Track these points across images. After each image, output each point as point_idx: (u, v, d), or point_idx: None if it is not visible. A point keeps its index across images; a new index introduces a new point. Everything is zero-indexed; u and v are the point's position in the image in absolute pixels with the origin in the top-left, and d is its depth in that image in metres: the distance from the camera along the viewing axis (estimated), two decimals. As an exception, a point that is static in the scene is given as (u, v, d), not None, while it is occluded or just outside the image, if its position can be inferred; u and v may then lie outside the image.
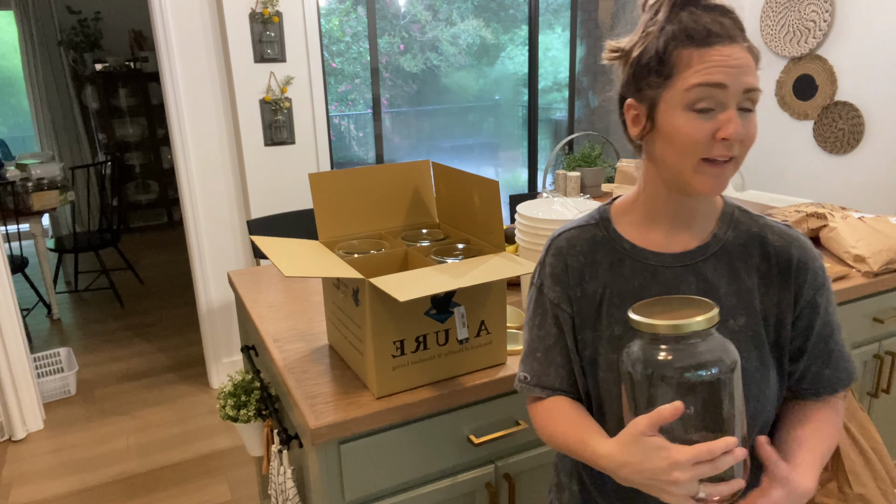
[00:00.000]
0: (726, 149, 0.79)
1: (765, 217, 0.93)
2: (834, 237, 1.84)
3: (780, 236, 0.90)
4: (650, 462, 0.72)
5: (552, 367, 0.94)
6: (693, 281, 0.88)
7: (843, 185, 3.47)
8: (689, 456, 0.71)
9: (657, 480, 0.72)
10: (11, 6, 5.23)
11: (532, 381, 0.95)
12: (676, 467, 0.71)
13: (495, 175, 4.24)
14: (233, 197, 2.96)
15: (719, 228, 0.90)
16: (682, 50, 0.79)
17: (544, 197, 1.97)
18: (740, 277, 0.89)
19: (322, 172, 1.37)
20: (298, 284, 1.77)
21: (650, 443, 0.73)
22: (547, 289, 0.95)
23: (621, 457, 0.76)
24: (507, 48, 3.90)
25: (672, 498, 0.73)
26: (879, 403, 1.92)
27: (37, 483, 2.43)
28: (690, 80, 0.78)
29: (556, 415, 0.91)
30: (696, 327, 0.74)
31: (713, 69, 0.77)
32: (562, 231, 0.97)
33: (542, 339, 0.95)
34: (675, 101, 0.79)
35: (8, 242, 3.30)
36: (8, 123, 6.64)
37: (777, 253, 0.89)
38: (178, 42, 2.72)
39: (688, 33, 0.79)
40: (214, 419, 2.83)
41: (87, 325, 3.94)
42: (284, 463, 1.32)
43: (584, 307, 0.92)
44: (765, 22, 3.68)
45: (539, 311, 0.96)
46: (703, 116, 0.78)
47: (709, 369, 0.74)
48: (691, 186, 0.82)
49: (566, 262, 0.94)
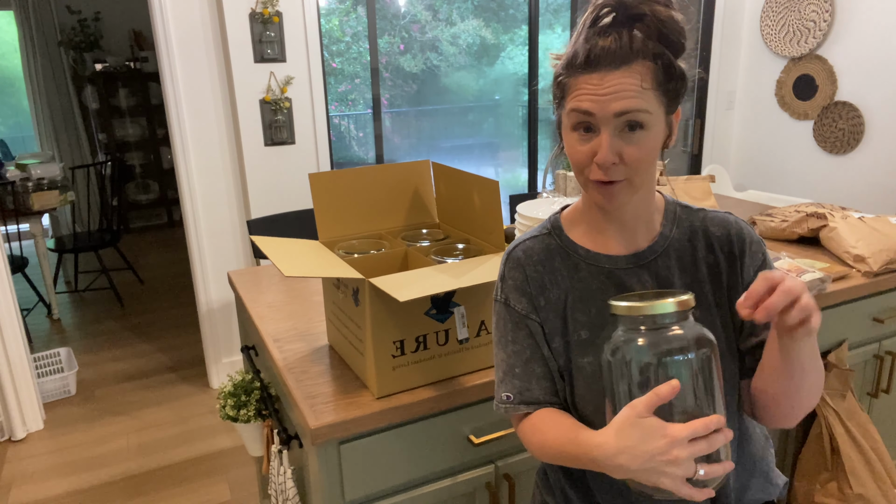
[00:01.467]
0: (602, 172, 0.83)
1: (703, 209, 0.97)
2: (834, 237, 1.84)
3: (720, 226, 0.95)
4: (648, 443, 0.72)
5: (533, 380, 0.93)
6: (648, 279, 0.93)
7: (843, 185, 3.47)
8: (687, 432, 0.71)
9: (656, 462, 0.72)
10: (11, 6, 5.23)
11: (515, 399, 0.94)
12: (675, 445, 0.71)
13: (495, 175, 4.24)
14: (233, 197, 2.96)
15: (664, 227, 0.95)
16: (567, 78, 0.84)
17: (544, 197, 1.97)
18: (690, 271, 0.93)
19: (322, 172, 1.37)
20: (298, 284, 1.77)
21: (647, 424, 0.73)
22: (513, 302, 0.95)
23: (618, 442, 0.75)
24: (507, 48, 3.90)
25: (670, 481, 0.73)
26: (879, 403, 1.92)
27: (37, 483, 2.43)
28: (570, 104, 0.84)
29: (543, 425, 0.90)
30: (673, 308, 0.77)
31: (582, 97, 0.82)
32: (517, 243, 0.98)
33: (518, 355, 0.94)
34: (565, 121, 0.86)
35: (8, 242, 3.30)
36: (8, 123, 6.64)
37: (720, 242, 0.94)
38: (178, 42, 2.72)
39: (571, 61, 0.83)
40: (214, 419, 2.83)
41: (87, 325, 3.94)
42: (284, 463, 1.32)
43: (550, 316, 0.94)
44: (765, 22, 3.68)
45: (509, 326, 0.95)
46: (584, 138, 0.84)
47: (690, 351, 0.76)
48: (595, 199, 0.88)
49: (525, 273, 0.95)
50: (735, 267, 0.93)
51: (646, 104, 0.81)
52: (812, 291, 1.57)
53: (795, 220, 1.95)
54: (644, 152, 0.83)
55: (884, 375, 1.87)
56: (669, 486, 0.73)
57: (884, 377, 1.87)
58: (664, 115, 0.84)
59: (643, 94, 0.80)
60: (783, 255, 1.73)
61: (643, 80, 0.80)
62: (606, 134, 0.81)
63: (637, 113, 0.81)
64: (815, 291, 1.59)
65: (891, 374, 1.86)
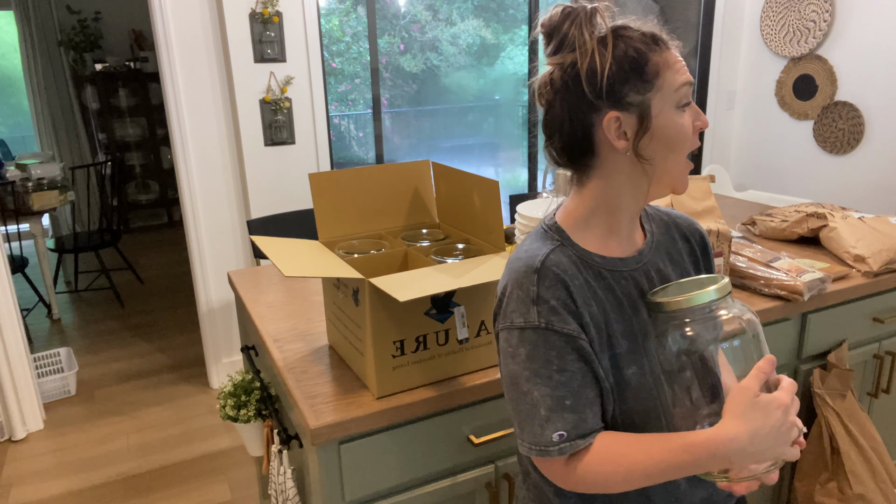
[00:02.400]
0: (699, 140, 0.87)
1: (660, 207, 1.03)
2: (834, 237, 1.84)
3: (683, 219, 1.01)
4: (771, 418, 0.75)
5: (588, 408, 0.83)
6: (654, 276, 0.93)
7: (843, 185, 3.47)
8: (789, 394, 0.76)
9: (780, 433, 0.75)
10: (11, 6, 5.23)
11: (571, 435, 0.81)
12: (788, 410, 0.76)
13: (495, 175, 4.24)
14: (233, 197, 2.96)
15: (646, 225, 0.97)
16: (654, 54, 0.82)
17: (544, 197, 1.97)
18: (677, 262, 0.97)
19: (322, 172, 1.37)
20: (298, 284, 1.77)
21: (762, 401, 0.75)
22: (558, 324, 0.83)
23: (747, 427, 0.74)
24: (507, 48, 3.90)
25: (789, 448, 0.76)
26: (879, 403, 1.92)
27: (37, 483, 2.43)
28: (677, 79, 0.83)
29: (619, 449, 0.81)
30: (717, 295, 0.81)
31: (683, 68, 0.84)
32: (542, 258, 0.86)
33: (565, 385, 0.82)
34: (667, 101, 0.83)
35: (8, 242, 3.30)
36: (8, 123, 6.64)
37: (691, 233, 1.00)
38: (178, 42, 2.72)
39: (655, 38, 0.83)
40: (214, 419, 2.83)
41: (87, 325, 3.94)
42: (284, 463, 1.32)
43: (594, 333, 0.86)
44: (765, 22, 3.68)
45: (553, 353, 0.82)
46: (686, 112, 0.85)
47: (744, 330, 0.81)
48: (677, 183, 0.88)
49: (569, 289, 0.84)
50: (707, 254, 1.01)
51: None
52: (812, 291, 1.57)
53: (795, 220, 1.95)
54: None
55: (884, 375, 1.87)
56: (789, 455, 0.77)
57: (884, 377, 1.87)
58: None
59: None
60: (783, 255, 1.73)
61: None
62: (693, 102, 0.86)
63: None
64: (816, 291, 1.59)
65: (891, 374, 1.86)
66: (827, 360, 1.72)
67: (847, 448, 1.68)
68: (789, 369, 1.70)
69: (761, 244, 1.96)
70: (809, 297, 1.58)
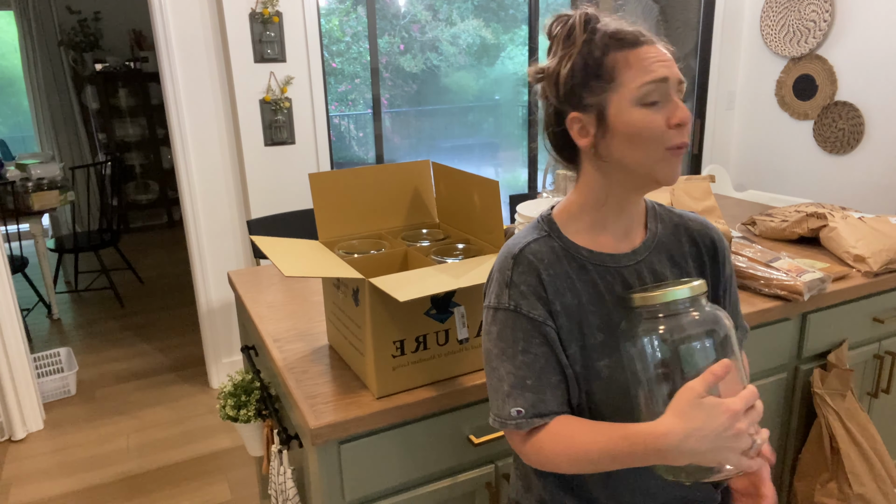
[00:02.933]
0: (683, 135, 0.85)
1: (675, 209, 1.02)
2: (834, 237, 1.84)
3: (697, 223, 1.00)
4: (714, 421, 0.73)
5: (548, 390, 0.88)
6: (647, 275, 0.94)
7: (843, 185, 3.47)
8: (743, 402, 0.74)
9: (722, 438, 0.73)
10: (11, 6, 5.23)
11: (528, 413, 0.87)
12: (737, 417, 0.73)
13: (495, 175, 4.24)
14: (233, 197, 2.97)
15: (651, 224, 0.97)
16: (616, 53, 0.84)
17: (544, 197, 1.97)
18: (679, 264, 0.97)
19: (322, 172, 1.37)
20: (298, 284, 1.77)
21: (707, 403, 0.74)
22: (526, 308, 0.88)
23: (685, 426, 0.74)
24: (507, 48, 3.90)
25: (735, 456, 0.74)
26: (879, 403, 1.92)
27: (37, 483, 2.43)
28: (638, 77, 0.83)
29: (569, 432, 0.85)
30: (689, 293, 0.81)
31: (654, 65, 0.83)
32: (520, 245, 0.92)
33: (529, 366, 0.88)
34: (625, 99, 0.84)
35: (8, 242, 3.30)
36: (8, 123, 6.64)
37: (701, 237, 0.99)
38: (178, 42, 2.72)
39: (618, 38, 0.84)
40: (214, 419, 2.83)
41: (87, 325, 3.94)
42: (284, 463, 1.32)
43: (565, 321, 0.90)
44: (765, 22, 3.68)
45: (519, 335, 0.88)
46: (653, 109, 0.84)
47: (711, 332, 0.80)
48: (656, 178, 0.87)
49: (540, 277, 0.89)
50: (716, 260, 0.99)
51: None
52: (812, 291, 1.57)
53: (795, 220, 1.95)
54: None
55: (884, 375, 1.87)
56: (734, 463, 0.75)
57: (884, 377, 1.87)
58: None
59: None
60: (783, 255, 1.73)
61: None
62: (678, 97, 0.85)
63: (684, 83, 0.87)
64: (816, 291, 1.59)
65: (891, 374, 1.86)
66: (827, 360, 1.72)
67: (847, 448, 1.68)
68: (789, 369, 1.70)
69: (761, 244, 1.96)
70: (809, 297, 1.58)
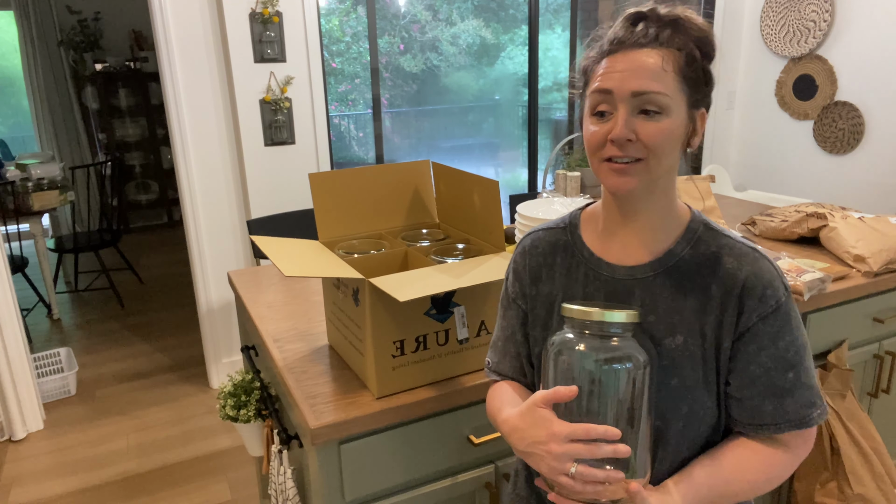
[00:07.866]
0: (617, 148, 0.81)
1: (729, 237, 0.88)
2: (834, 237, 1.84)
3: (735, 258, 0.85)
4: (534, 430, 0.80)
5: (507, 357, 1.02)
6: (638, 295, 0.88)
7: (843, 185, 3.47)
8: (568, 431, 0.77)
9: (535, 448, 0.80)
10: (11, 6, 5.23)
11: (492, 366, 1.04)
12: (554, 439, 0.78)
13: (495, 175, 4.24)
14: (233, 197, 2.97)
15: (677, 245, 0.88)
16: (592, 63, 0.86)
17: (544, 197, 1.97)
18: (686, 296, 0.86)
19: (322, 172, 1.37)
20: (298, 284, 1.77)
21: (538, 413, 0.81)
22: (510, 283, 1.02)
23: (515, 422, 0.84)
24: (507, 48, 3.90)
25: (544, 467, 0.79)
26: (879, 403, 1.92)
27: (37, 483, 2.43)
28: (591, 86, 0.84)
29: (497, 394, 0.99)
30: (611, 319, 0.80)
31: (603, 76, 0.82)
32: (532, 231, 1.02)
33: (503, 330, 1.03)
34: (585, 108, 0.87)
35: (8, 242, 3.30)
36: (8, 123, 6.64)
37: (726, 275, 0.85)
38: (178, 42, 2.72)
39: (609, 42, 0.84)
40: (214, 419, 2.83)
41: (87, 325, 3.94)
42: (284, 463, 1.32)
43: (538, 306, 0.97)
44: (765, 22, 3.68)
45: (504, 303, 1.03)
46: (601, 120, 0.83)
47: (617, 364, 0.79)
48: (603, 184, 0.86)
49: (526, 261, 0.99)
50: (731, 305, 0.84)
51: (664, 87, 0.79)
52: (812, 291, 1.57)
53: (795, 220, 1.95)
54: (662, 135, 0.79)
55: (884, 375, 1.87)
56: (546, 473, 0.80)
57: (884, 377, 1.87)
58: (686, 105, 0.81)
59: (663, 77, 0.79)
60: (783, 255, 1.73)
61: (664, 63, 0.79)
62: (624, 110, 0.79)
63: (655, 95, 0.78)
64: (816, 291, 1.59)
65: (891, 374, 1.86)
66: (827, 360, 1.72)
67: (847, 448, 1.68)
68: (789, 369, 1.70)
69: (761, 244, 1.96)
70: (809, 297, 1.58)
